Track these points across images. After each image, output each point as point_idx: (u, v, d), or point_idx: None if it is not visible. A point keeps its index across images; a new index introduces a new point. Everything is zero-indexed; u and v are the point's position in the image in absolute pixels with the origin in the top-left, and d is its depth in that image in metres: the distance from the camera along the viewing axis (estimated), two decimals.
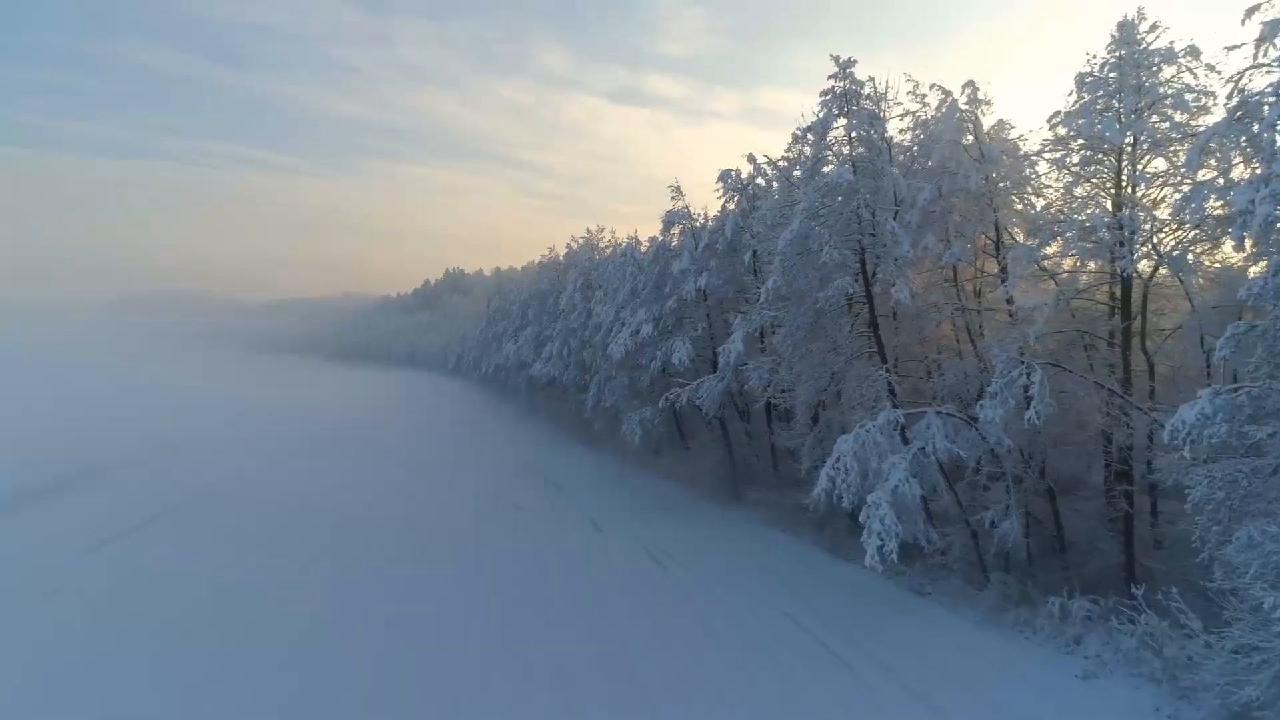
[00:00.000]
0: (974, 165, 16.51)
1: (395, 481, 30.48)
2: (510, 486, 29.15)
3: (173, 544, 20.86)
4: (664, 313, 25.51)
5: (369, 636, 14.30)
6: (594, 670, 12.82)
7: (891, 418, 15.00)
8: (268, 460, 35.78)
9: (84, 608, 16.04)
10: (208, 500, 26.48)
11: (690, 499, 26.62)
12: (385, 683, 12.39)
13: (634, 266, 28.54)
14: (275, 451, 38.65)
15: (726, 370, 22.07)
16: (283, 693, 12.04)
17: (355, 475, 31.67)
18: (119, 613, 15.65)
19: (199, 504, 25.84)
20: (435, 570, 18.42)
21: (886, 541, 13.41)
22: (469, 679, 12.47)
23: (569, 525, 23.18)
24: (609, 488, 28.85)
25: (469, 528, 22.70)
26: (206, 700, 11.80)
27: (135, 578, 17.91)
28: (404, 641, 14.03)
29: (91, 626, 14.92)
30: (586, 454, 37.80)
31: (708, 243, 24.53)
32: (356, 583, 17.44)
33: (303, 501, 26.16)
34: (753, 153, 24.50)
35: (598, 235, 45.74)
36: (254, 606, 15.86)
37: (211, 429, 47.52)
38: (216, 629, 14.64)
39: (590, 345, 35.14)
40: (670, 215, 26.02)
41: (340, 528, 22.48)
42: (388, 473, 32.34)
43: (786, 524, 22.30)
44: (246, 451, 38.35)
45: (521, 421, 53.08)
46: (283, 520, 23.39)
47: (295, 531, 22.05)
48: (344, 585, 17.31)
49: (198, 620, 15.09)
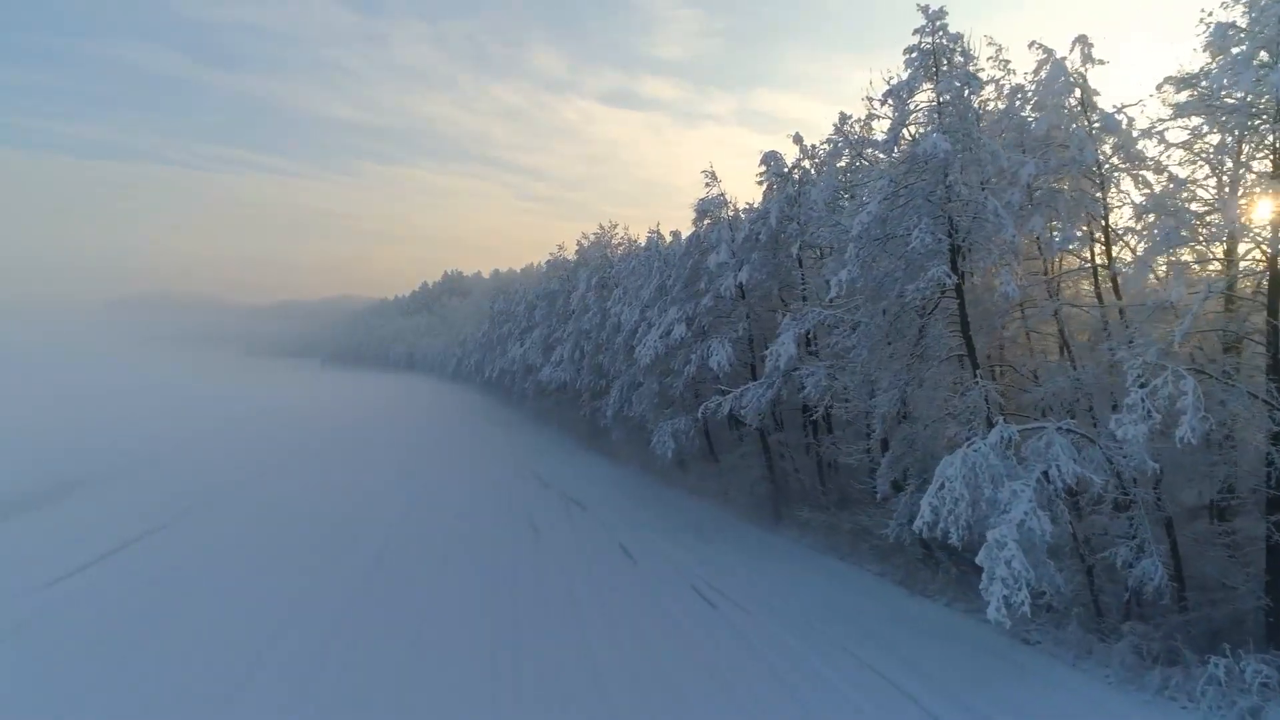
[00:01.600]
0: (1088, 135, 13.99)
1: (400, 497, 27.87)
2: (526, 503, 26.54)
3: (139, 582, 18.19)
4: (698, 311, 22.93)
5: (385, 682, 11.73)
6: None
7: (1005, 435, 12.45)
8: (258, 471, 33.15)
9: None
10: (186, 526, 23.83)
11: (726, 519, 24.01)
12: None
13: (660, 262, 25.97)
14: (267, 461, 36.04)
15: (775, 375, 19.52)
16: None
17: (355, 492, 29.05)
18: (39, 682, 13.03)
19: (175, 531, 23.18)
20: (453, 606, 15.82)
21: (1014, 591, 10.85)
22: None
23: (596, 551, 20.55)
24: (634, 505, 26.23)
25: (486, 553, 20.08)
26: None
27: (84, 627, 15.24)
28: (424, 692, 11.51)
29: None
30: (603, 466, 35.18)
31: (748, 234, 21.98)
32: (365, 617, 14.84)
33: (298, 522, 23.55)
34: (799, 132, 22.02)
35: (610, 232, 43.20)
36: (233, 664, 13.23)
37: (200, 438, 44.87)
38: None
39: (609, 348, 32.58)
40: (704, 204, 23.46)
41: (342, 554, 19.87)
42: (391, 488, 29.75)
43: (843, 550, 19.73)
44: (235, 464, 35.73)
45: (530, 429, 50.47)
46: (274, 545, 20.78)
47: (288, 561, 19.43)
48: (351, 624, 14.69)
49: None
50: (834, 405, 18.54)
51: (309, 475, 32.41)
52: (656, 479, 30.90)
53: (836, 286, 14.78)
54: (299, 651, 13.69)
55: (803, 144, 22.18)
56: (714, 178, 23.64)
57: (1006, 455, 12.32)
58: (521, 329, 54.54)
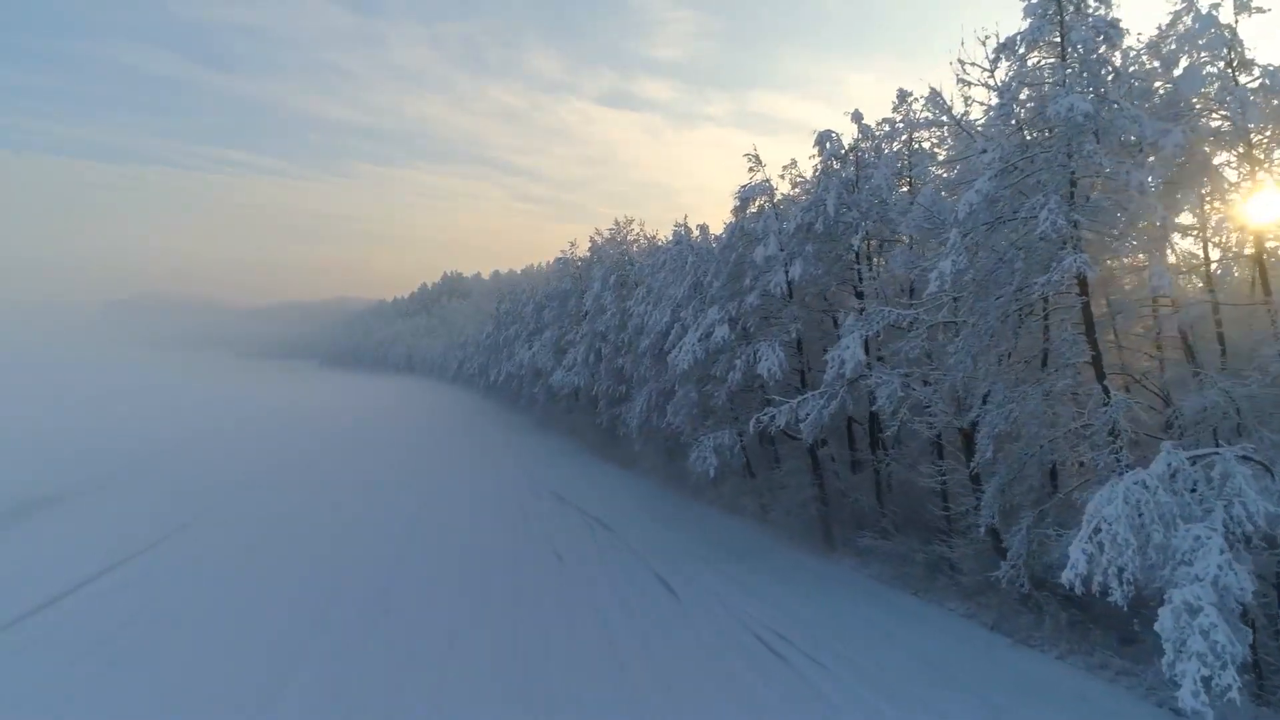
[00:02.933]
0: (1249, 99, 11.55)
1: (405, 515, 25.34)
2: (544, 523, 24.03)
3: (95, 634, 15.66)
4: (742, 311, 20.43)
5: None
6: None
7: (1172, 464, 9.98)
8: (247, 487, 30.59)
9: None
10: (165, 556, 21.26)
11: (770, 543, 21.53)
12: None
13: (694, 257, 23.47)
14: (258, 474, 33.47)
15: (838, 384, 17.06)
16: None
17: (355, 509, 26.50)
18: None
19: (151, 562, 20.62)
20: (474, 665, 13.28)
21: (1217, 671, 8.39)
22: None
23: (631, 584, 18.05)
24: (663, 526, 23.71)
25: (507, 590, 17.55)
26: None
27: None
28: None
29: None
30: (623, 479, 32.67)
31: (799, 224, 19.50)
32: (370, 676, 12.31)
33: (291, 551, 21.01)
34: (858, 109, 19.56)
35: (625, 228, 40.73)
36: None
37: (189, 445, 42.27)
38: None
39: (630, 351, 30.10)
40: (748, 190, 20.98)
41: (343, 589, 17.33)
42: (395, 504, 27.18)
43: (916, 584, 17.27)
44: (224, 478, 33.17)
45: (539, 437, 47.82)
46: (263, 582, 18.24)
47: (279, 602, 16.89)
48: (352, 686, 12.16)
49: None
50: (910, 419, 16.03)
51: (302, 491, 29.81)
52: (684, 495, 28.39)
53: (938, 280, 12.32)
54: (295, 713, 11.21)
55: (861, 123, 19.73)
56: (758, 161, 21.18)
57: (1178, 490, 9.87)
58: (529, 331, 51.98)
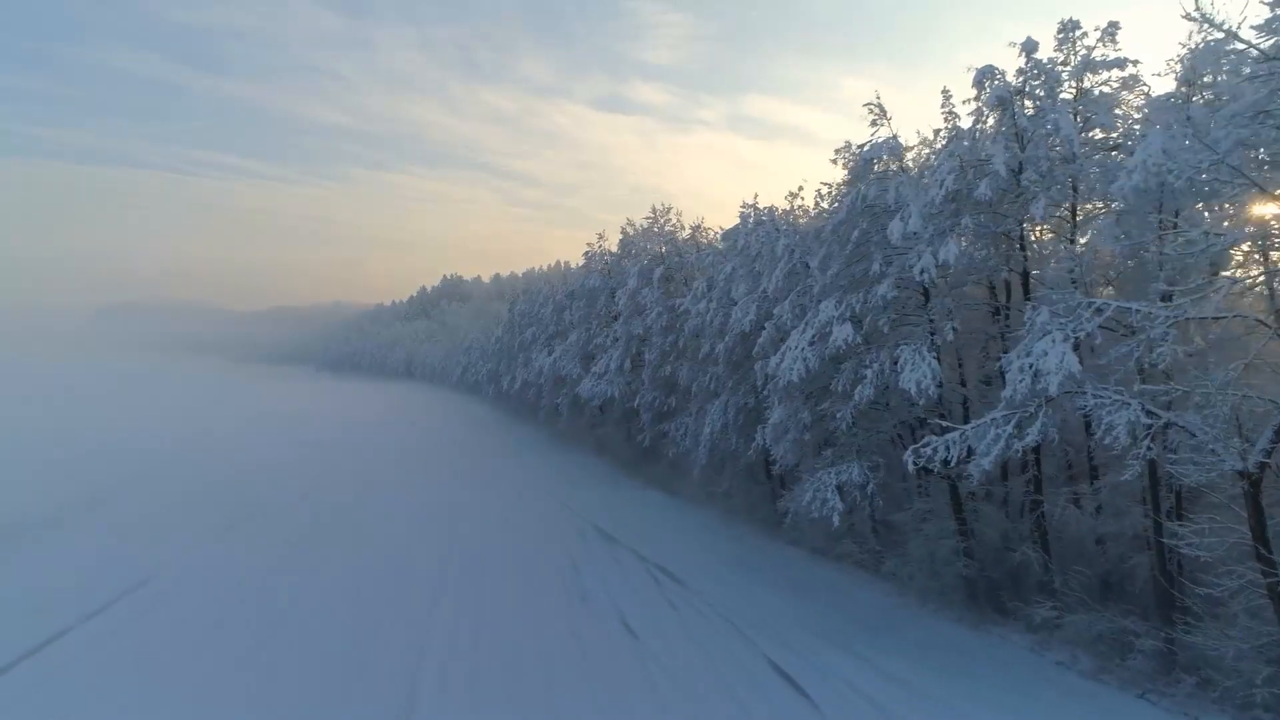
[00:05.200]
0: None
1: (425, 562, 20.41)
2: (597, 576, 19.10)
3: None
4: (871, 305, 15.52)
5: None
6: None
7: None
8: (219, 533, 25.64)
9: None
10: (121, 619, 16.34)
11: (901, 608, 16.64)
12: None
13: (791, 238, 18.60)
14: (233, 519, 28.54)
15: (1035, 404, 12.22)
16: None
17: (366, 560, 21.53)
18: None
19: (102, 630, 15.68)
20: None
21: None
22: None
23: (740, 674, 13.16)
24: (750, 580, 18.83)
25: (574, 682, 12.67)
26: None
27: None
28: None
29: None
30: (676, 510, 27.67)
31: (950, 190, 14.65)
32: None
33: (286, 620, 16.09)
34: (1030, 38, 14.78)
35: (664, 216, 35.83)
36: None
37: (167, 468, 37.22)
38: None
39: (686, 355, 25.28)
40: (871, 149, 16.13)
41: (358, 688, 12.43)
42: (410, 558, 21.93)
43: (1145, 683, 12.43)
44: (193, 516, 28.25)
45: (564, 455, 42.05)
46: (235, 692, 13.33)
47: (259, 677, 11.99)
48: None
49: None
50: (1164, 458, 11.19)
51: (276, 549, 22.35)
52: (756, 531, 23.52)
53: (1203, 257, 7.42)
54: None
55: (1031, 55, 14.94)
56: (883, 113, 16.35)
57: None
58: (549, 334, 46.99)
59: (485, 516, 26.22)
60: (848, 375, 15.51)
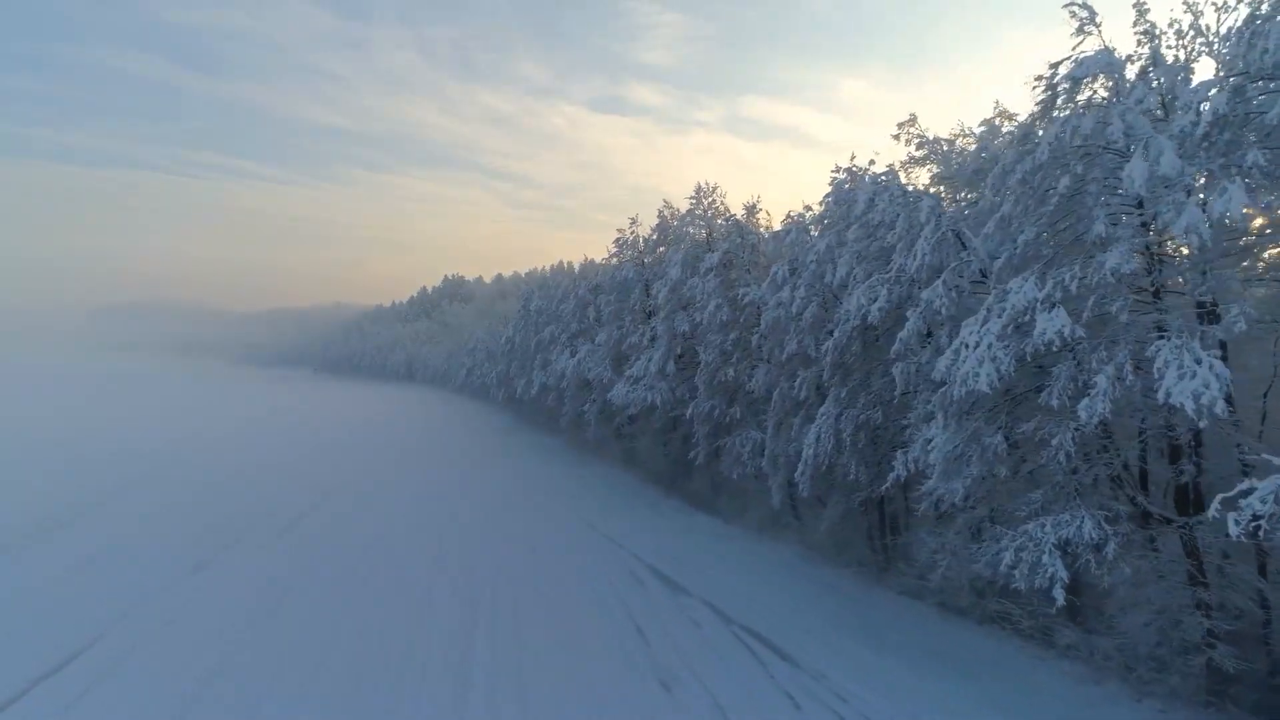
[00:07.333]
0: None
1: (447, 614, 15.72)
2: (671, 644, 14.36)
3: None
4: (1092, 283, 10.77)
5: None
6: None
7: None
8: (199, 568, 20.99)
9: None
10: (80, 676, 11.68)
11: (1118, 704, 11.97)
12: None
13: (932, 201, 13.94)
14: (209, 552, 23.92)
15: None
16: None
17: (362, 614, 16.88)
18: None
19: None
20: None
21: None
22: None
23: None
24: (874, 652, 14.13)
25: None
26: None
27: None
28: None
29: None
30: (737, 541, 22.96)
31: (1217, 115, 10.01)
32: None
33: (252, 696, 11.40)
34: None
35: (709, 194, 31.15)
36: None
37: (150, 476, 32.50)
38: None
39: (765, 358, 20.65)
40: (1085, 66, 11.48)
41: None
42: (427, 610, 17.47)
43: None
44: (171, 545, 23.65)
45: (595, 471, 36.49)
46: None
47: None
48: None
49: None
50: None
51: (268, 604, 20.03)
52: (854, 575, 18.89)
53: None
54: None
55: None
56: (1090, 17, 11.71)
57: None
58: (571, 334, 42.31)
59: (522, 555, 21.50)
60: (1062, 383, 10.83)
